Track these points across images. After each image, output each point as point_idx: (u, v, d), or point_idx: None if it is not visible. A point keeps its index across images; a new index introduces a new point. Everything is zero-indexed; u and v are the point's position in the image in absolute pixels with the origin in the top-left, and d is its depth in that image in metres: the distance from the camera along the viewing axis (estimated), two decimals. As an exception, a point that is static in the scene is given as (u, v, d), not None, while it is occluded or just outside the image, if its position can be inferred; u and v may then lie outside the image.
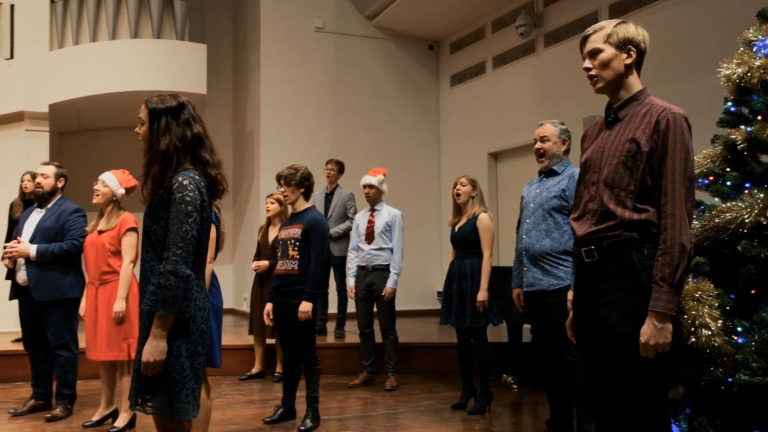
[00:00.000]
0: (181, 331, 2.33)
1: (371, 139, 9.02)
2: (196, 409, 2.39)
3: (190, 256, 2.32)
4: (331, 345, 6.60)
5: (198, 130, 2.46)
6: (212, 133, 8.59)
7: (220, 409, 5.00)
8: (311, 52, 8.87)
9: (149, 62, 7.48)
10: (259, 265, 5.94)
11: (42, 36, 7.52)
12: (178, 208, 2.31)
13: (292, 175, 4.50)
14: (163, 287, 2.25)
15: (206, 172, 2.45)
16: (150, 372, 2.28)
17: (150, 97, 2.47)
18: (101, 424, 4.45)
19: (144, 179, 2.42)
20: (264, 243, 6.01)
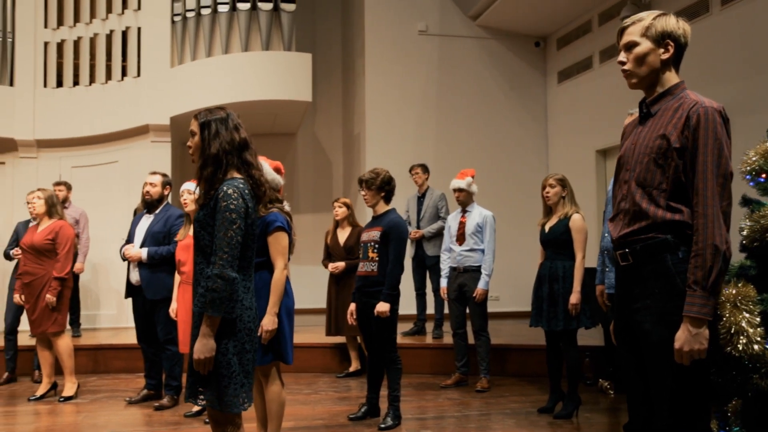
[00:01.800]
0: (228, 330, 2.51)
1: (476, 140, 8.98)
2: (247, 402, 2.55)
3: (236, 260, 2.49)
4: (428, 345, 6.68)
5: (244, 135, 2.67)
6: (323, 138, 8.94)
7: (311, 405, 5.23)
8: (415, 55, 8.97)
9: (259, 73, 7.89)
10: (336, 266, 6.14)
11: (164, 54, 8.15)
12: (224, 216, 2.49)
13: (373, 179, 4.61)
14: (210, 289, 2.43)
15: (250, 173, 2.64)
16: (201, 368, 2.47)
17: (198, 112, 2.68)
18: (201, 415, 4.79)
19: (198, 182, 2.63)
20: (334, 245, 6.24)
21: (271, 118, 8.97)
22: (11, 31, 8.16)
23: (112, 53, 8.30)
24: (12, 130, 8.03)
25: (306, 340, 6.80)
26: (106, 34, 8.30)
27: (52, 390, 5.60)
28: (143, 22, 8.17)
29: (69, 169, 7.96)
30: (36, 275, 5.41)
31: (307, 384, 6.08)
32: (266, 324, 3.47)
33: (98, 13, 8.33)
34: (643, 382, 2.16)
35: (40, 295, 5.39)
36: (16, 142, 8.09)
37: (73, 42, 8.36)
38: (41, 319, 5.41)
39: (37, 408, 5.31)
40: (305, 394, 5.67)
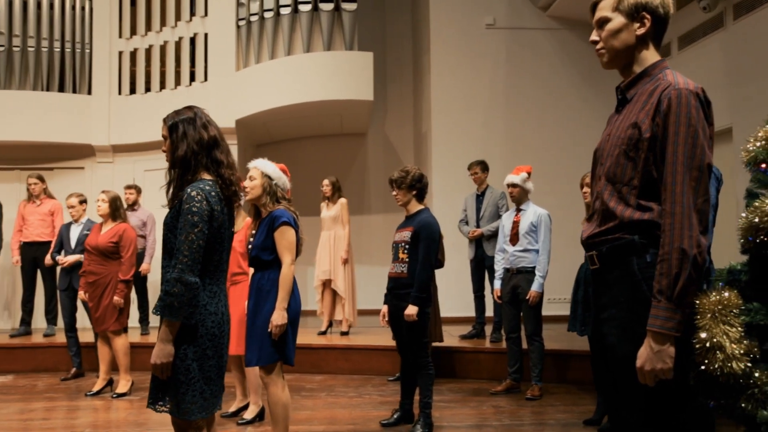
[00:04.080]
0: (188, 336, 2.44)
1: (547, 135, 8.60)
2: (205, 410, 2.48)
3: (197, 265, 2.42)
4: (485, 349, 6.43)
5: (213, 133, 2.59)
6: (394, 137, 8.85)
7: (349, 408, 5.13)
8: (482, 50, 8.71)
9: (321, 73, 7.88)
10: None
11: (229, 58, 8.31)
12: (186, 219, 2.42)
13: (403, 177, 4.45)
14: (168, 294, 2.37)
15: (220, 173, 2.56)
16: (159, 373, 2.42)
17: (167, 115, 2.63)
18: (236, 415, 4.80)
19: (167, 186, 2.58)
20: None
21: (337, 118, 8.96)
22: (89, 43, 8.58)
23: (181, 59, 8.56)
24: (89, 137, 8.44)
25: (365, 342, 6.73)
26: (175, 42, 8.57)
27: (107, 386, 5.79)
28: (210, 28, 8.37)
29: (142, 173, 8.28)
30: (99, 275, 5.59)
31: (355, 386, 5.99)
32: (275, 319, 3.42)
33: (168, 21, 8.61)
34: (613, 401, 1.91)
35: (103, 294, 5.57)
36: (94, 147, 8.50)
37: (145, 50, 8.68)
38: (104, 318, 5.60)
39: (94, 403, 5.50)
40: (349, 396, 5.58)
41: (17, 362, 6.94)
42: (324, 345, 6.76)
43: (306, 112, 8.40)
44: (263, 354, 3.52)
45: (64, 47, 8.50)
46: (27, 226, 7.44)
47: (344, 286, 7.10)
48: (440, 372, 5.92)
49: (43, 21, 8.45)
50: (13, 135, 8.21)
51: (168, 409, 2.50)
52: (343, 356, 6.64)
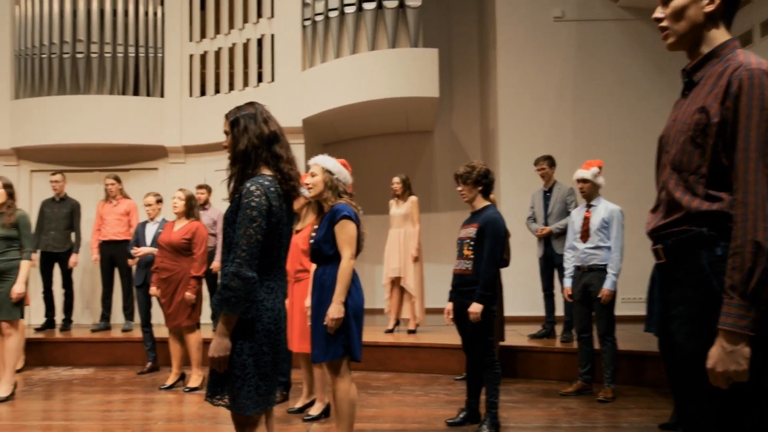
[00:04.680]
0: (244, 331, 2.45)
1: (618, 128, 8.33)
2: (260, 406, 2.48)
3: (255, 260, 2.43)
4: (555, 349, 6.27)
5: (274, 128, 2.61)
6: (461, 135, 8.78)
7: (415, 407, 5.09)
8: (550, 43, 8.51)
9: (386, 71, 7.87)
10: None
11: (295, 58, 8.40)
12: (244, 213, 2.44)
13: (468, 173, 4.39)
14: (226, 288, 2.39)
15: (279, 167, 2.56)
16: (216, 367, 2.44)
17: (228, 111, 2.66)
18: (302, 411, 4.83)
19: (228, 181, 2.61)
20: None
21: (403, 116, 8.93)
22: (161, 47, 8.85)
23: (248, 61, 8.71)
24: (162, 138, 8.70)
25: (433, 341, 6.68)
26: (243, 43, 8.73)
27: (180, 380, 5.95)
28: (276, 29, 8.48)
29: (212, 173, 8.45)
30: (172, 271, 5.74)
31: (422, 385, 5.95)
32: (331, 312, 3.43)
33: (236, 24, 8.78)
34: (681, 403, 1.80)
35: (176, 290, 5.71)
36: (166, 149, 8.75)
37: (214, 53, 8.88)
38: (176, 313, 5.75)
39: (167, 396, 5.66)
40: (415, 395, 5.54)
41: (97, 356, 7.22)
42: (391, 343, 6.75)
43: (372, 110, 8.41)
44: (329, 350, 3.53)
45: (138, 52, 8.78)
46: (104, 226, 7.72)
47: (414, 284, 7.08)
48: (507, 372, 5.82)
49: (119, 28, 8.76)
50: (92, 138, 8.55)
51: (225, 404, 2.52)
52: (410, 354, 6.61)
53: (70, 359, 7.22)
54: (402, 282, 7.12)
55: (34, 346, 7.20)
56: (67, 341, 7.39)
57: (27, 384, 6.22)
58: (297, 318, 4.59)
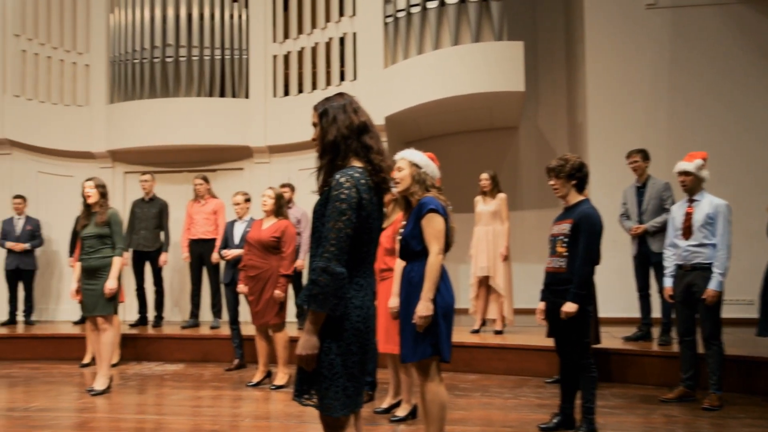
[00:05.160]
0: (332, 329, 2.37)
1: (719, 119, 7.83)
2: (347, 407, 2.39)
3: (344, 254, 2.34)
4: (652, 353, 5.94)
5: (364, 119, 2.52)
6: (547, 130, 8.52)
7: (504, 410, 4.91)
8: (642, 32, 8.10)
9: (469, 66, 7.69)
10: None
11: (377, 56, 8.34)
12: (334, 206, 2.35)
13: (561, 166, 4.19)
14: (314, 283, 2.31)
15: (370, 158, 2.47)
16: (303, 365, 2.36)
17: (317, 103, 2.58)
18: (388, 412, 4.74)
19: (316, 173, 2.53)
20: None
21: (487, 112, 8.73)
22: (246, 49, 8.98)
23: (331, 59, 8.72)
24: (247, 139, 8.83)
25: (520, 342, 6.48)
26: (325, 42, 8.74)
27: (266, 378, 5.97)
28: (358, 27, 8.46)
29: (296, 172, 8.51)
30: (260, 269, 5.76)
31: (511, 388, 5.75)
32: (419, 310, 3.31)
33: (318, 23, 8.80)
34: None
35: (264, 288, 5.73)
36: (252, 149, 8.87)
37: (297, 53, 8.94)
38: (264, 311, 5.77)
39: (254, 394, 5.69)
40: (505, 398, 5.35)
41: (187, 352, 7.39)
42: (477, 344, 6.58)
43: (455, 107, 8.25)
44: (418, 349, 3.42)
45: (224, 55, 8.95)
46: (193, 225, 7.89)
47: (504, 283, 6.89)
48: (602, 375, 5.51)
49: (205, 32, 8.96)
50: (181, 139, 8.77)
51: (314, 403, 2.44)
52: (497, 356, 6.42)
53: (162, 355, 7.41)
54: (491, 281, 6.94)
55: (129, 342, 7.43)
56: (159, 337, 7.58)
57: (122, 378, 6.41)
58: (381, 318, 4.50)
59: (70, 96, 9.38)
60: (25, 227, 8.51)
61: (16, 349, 7.64)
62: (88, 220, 5.71)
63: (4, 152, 9.20)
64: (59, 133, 9.20)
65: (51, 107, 9.25)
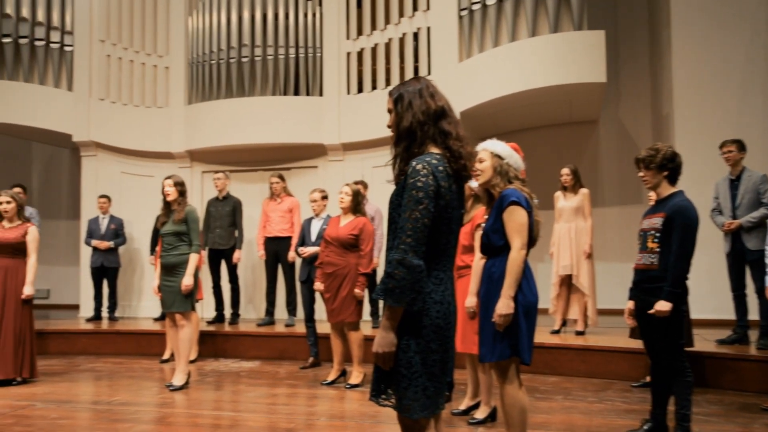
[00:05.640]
0: (410, 326, 2.24)
1: (821, 108, 7.30)
2: (428, 408, 2.25)
3: (421, 246, 2.20)
4: (750, 357, 5.54)
5: (441, 103, 2.38)
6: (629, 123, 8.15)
7: (589, 415, 4.66)
8: (734, 14, 7.63)
9: (547, 58, 7.42)
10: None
11: (452, 50, 8.18)
12: (410, 194, 2.22)
13: (652, 156, 3.93)
14: (390, 276, 2.18)
15: (448, 144, 2.33)
16: (380, 363, 2.24)
17: (392, 88, 2.47)
18: (467, 414, 4.58)
19: (392, 161, 2.41)
20: None
21: (566, 105, 8.42)
22: (319, 47, 8.98)
23: (404, 55, 8.60)
24: (321, 136, 8.83)
25: (604, 343, 6.19)
26: (399, 38, 8.64)
27: (341, 377, 5.91)
28: (432, 21, 8.32)
29: (370, 169, 8.44)
30: (338, 266, 5.68)
31: (595, 391, 5.48)
32: (499, 308, 3.15)
33: (392, 19, 8.71)
34: None
35: (341, 286, 5.66)
36: (326, 147, 8.86)
37: (371, 49, 8.86)
38: (340, 309, 5.70)
39: (329, 392, 5.64)
40: (588, 401, 5.10)
41: (263, 349, 7.43)
42: (558, 344, 6.32)
43: (533, 100, 7.99)
44: (496, 349, 3.25)
45: (298, 53, 8.98)
46: (269, 223, 7.94)
47: (588, 282, 6.61)
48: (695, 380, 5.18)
49: (280, 31, 9.01)
50: (256, 138, 8.85)
51: (392, 404, 2.31)
52: (580, 357, 6.15)
53: (239, 352, 7.48)
54: (574, 280, 6.67)
55: (208, 339, 7.53)
56: (236, 335, 7.66)
57: (200, 374, 6.48)
58: (460, 317, 4.34)
59: (151, 98, 9.62)
60: (109, 226, 8.78)
61: (100, 344, 7.87)
62: (167, 218, 5.80)
63: (90, 154, 9.53)
64: (141, 134, 9.46)
65: (133, 109, 9.52)
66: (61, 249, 10.97)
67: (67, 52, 9.49)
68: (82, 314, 9.25)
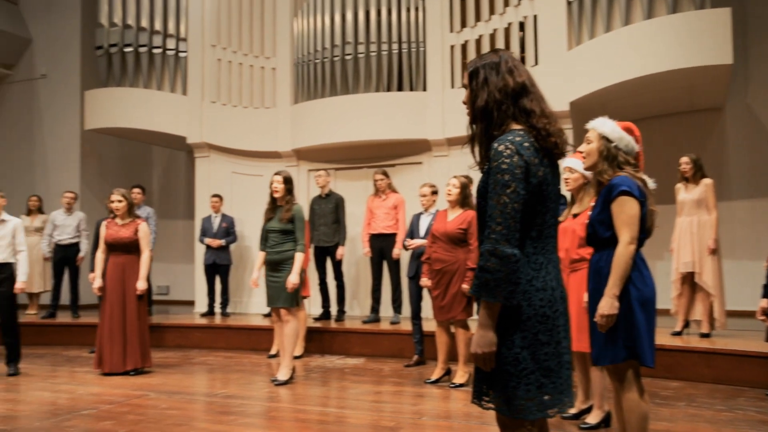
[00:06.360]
0: (512, 319, 2.04)
1: None
2: (546, 407, 2.05)
3: (514, 233, 2.01)
4: None
5: (521, 79, 2.16)
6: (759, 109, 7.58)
7: (717, 424, 4.27)
8: None
9: (667, 40, 6.92)
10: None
11: (560, 38, 7.80)
12: (495, 179, 2.03)
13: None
14: (483, 270, 2.01)
15: (531, 123, 2.11)
16: (481, 364, 2.06)
17: (469, 61, 2.28)
18: (578, 418, 4.30)
19: (470, 144, 2.23)
20: None
21: (686, 92, 7.85)
22: (422, 41, 8.84)
23: (510, 45, 8.31)
24: (426, 131, 8.68)
25: (734, 347, 5.68)
26: (504, 28, 8.35)
27: (445, 375, 5.74)
28: (539, 9, 7.98)
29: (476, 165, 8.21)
30: (446, 262, 5.50)
31: (723, 399, 5.03)
32: (601, 307, 2.88)
33: (496, 9, 8.44)
34: None
35: (450, 282, 5.47)
36: (430, 142, 8.72)
37: (475, 41, 8.63)
38: (450, 306, 5.51)
39: (433, 391, 5.50)
40: (716, 410, 4.67)
41: (367, 346, 7.39)
42: (681, 347, 5.86)
43: (650, 87, 7.49)
44: (609, 351, 2.99)
45: (401, 48, 8.89)
46: (374, 220, 7.90)
47: (713, 280, 6.10)
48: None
49: (383, 27, 8.95)
50: (361, 135, 8.83)
51: (495, 406, 2.13)
52: (705, 361, 5.67)
53: (344, 348, 7.48)
54: (697, 278, 6.18)
55: (315, 335, 7.58)
56: (341, 331, 7.66)
57: (305, 370, 6.52)
58: (572, 313, 4.07)
59: (259, 99, 9.84)
60: (220, 224, 9.05)
61: (213, 338, 8.12)
62: (272, 214, 5.84)
63: (203, 155, 9.88)
64: (249, 134, 9.70)
65: (242, 111, 9.78)
66: (179, 247, 11.47)
67: (181, 58, 9.89)
68: (197, 309, 9.59)
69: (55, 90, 11.36)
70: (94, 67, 10.71)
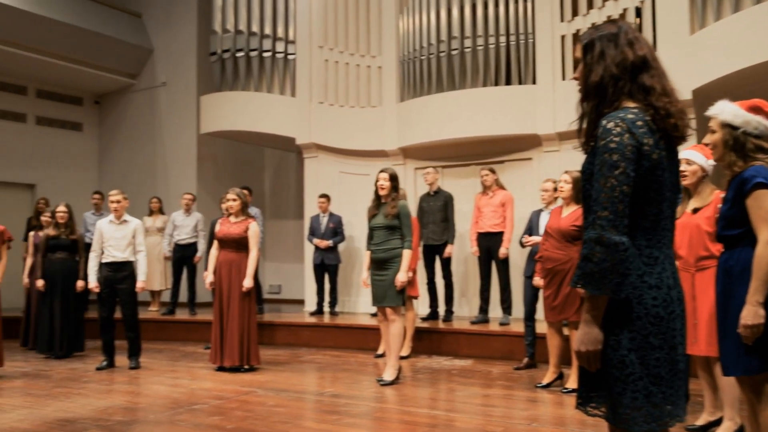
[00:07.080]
0: (619, 317, 1.84)
1: None
2: (655, 420, 1.83)
3: (622, 219, 1.81)
4: None
5: (642, 53, 1.95)
6: None
7: None
8: None
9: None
10: None
11: (682, 22, 7.29)
12: (602, 159, 1.84)
13: None
14: (586, 259, 1.82)
15: (649, 101, 1.90)
16: (584, 364, 1.87)
17: (582, 33, 2.07)
18: (706, 431, 3.94)
19: (578, 122, 2.03)
20: None
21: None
22: (531, 33, 8.52)
23: (627, 33, 7.86)
24: (535, 126, 8.36)
25: None
26: (619, 14, 7.90)
27: (557, 380, 5.48)
28: (658, -8, 7.51)
29: (588, 159, 7.83)
30: (558, 261, 5.24)
31: None
32: (744, 317, 2.57)
33: (611, -5, 8.01)
34: None
35: (563, 281, 5.22)
36: (540, 137, 8.39)
37: (588, 29, 8.23)
38: (563, 306, 5.25)
39: (544, 396, 5.26)
40: None
41: (476, 348, 7.21)
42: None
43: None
44: (743, 361, 2.68)
45: (509, 41, 8.61)
46: (481, 217, 7.71)
47: None
48: None
49: (490, 20, 8.71)
50: (468, 132, 8.63)
51: (602, 413, 1.93)
52: None
53: (452, 349, 7.33)
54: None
55: (423, 335, 7.48)
56: (449, 332, 7.52)
57: (412, 370, 6.43)
58: (702, 315, 3.74)
59: (365, 98, 9.86)
60: (328, 224, 9.13)
61: (321, 337, 8.20)
62: (377, 210, 5.79)
63: (312, 155, 10.02)
64: (356, 134, 9.73)
65: (348, 110, 9.83)
66: (289, 247, 11.73)
67: (290, 60, 10.10)
68: (306, 308, 9.74)
69: (175, 96, 11.93)
70: (209, 73, 11.13)
